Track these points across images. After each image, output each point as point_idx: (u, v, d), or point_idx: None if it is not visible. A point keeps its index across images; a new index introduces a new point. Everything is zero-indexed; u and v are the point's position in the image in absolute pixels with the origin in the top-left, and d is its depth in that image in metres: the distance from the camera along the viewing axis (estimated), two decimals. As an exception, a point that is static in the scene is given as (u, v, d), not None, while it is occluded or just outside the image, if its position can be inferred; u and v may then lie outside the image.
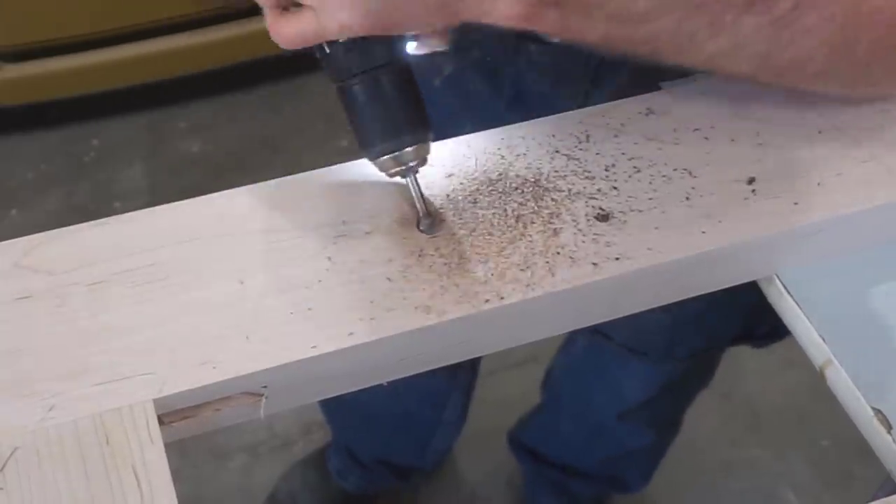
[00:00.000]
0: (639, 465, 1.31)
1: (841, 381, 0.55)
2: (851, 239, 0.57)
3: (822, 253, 0.57)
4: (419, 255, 0.51)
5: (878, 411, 0.53)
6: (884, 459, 0.54)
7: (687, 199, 0.54)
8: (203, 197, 0.53)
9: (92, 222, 0.52)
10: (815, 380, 0.57)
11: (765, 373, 1.59)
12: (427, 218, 0.52)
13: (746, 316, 0.94)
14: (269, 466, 1.47)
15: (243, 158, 1.88)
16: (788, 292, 0.58)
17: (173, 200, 0.55)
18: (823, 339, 0.56)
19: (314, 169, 0.56)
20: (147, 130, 1.95)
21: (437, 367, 0.53)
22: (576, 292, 0.50)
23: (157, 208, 0.53)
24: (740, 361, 1.61)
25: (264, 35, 0.98)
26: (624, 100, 0.58)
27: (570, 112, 0.58)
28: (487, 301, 0.49)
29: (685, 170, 0.55)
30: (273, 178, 0.55)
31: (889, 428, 0.53)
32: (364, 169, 0.55)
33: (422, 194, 0.52)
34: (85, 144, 1.92)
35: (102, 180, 1.86)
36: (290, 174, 0.80)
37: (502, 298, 0.49)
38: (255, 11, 0.88)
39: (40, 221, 1.79)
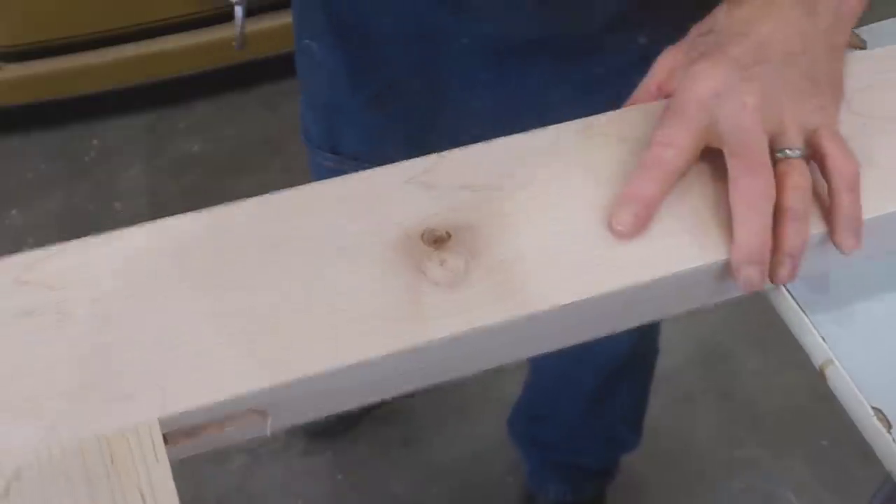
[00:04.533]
0: (626, 409, 1.30)
1: (841, 380, 0.55)
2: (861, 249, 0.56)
3: (829, 265, 0.56)
4: (424, 271, 0.50)
5: (877, 410, 0.54)
6: (883, 459, 0.54)
7: (694, 210, 0.53)
8: (207, 209, 0.52)
9: (94, 236, 0.51)
10: (815, 380, 0.57)
11: (764, 373, 1.59)
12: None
13: None
14: (269, 467, 1.47)
15: (243, 158, 1.88)
16: (789, 292, 0.58)
17: (173, 200, 0.55)
18: (823, 339, 0.56)
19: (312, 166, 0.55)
20: (147, 130, 1.95)
21: (447, 380, 0.52)
22: (581, 305, 0.50)
23: (160, 221, 0.52)
24: (740, 361, 1.61)
25: (264, 35, 0.98)
26: (632, 108, 0.58)
27: (575, 121, 0.57)
28: (490, 316, 0.48)
29: (692, 181, 0.54)
30: (273, 178, 0.56)
31: (889, 427, 0.53)
32: (373, 180, 0.54)
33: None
34: (85, 144, 1.92)
35: (102, 180, 1.86)
36: (290, 174, 0.80)
37: (506, 313, 0.48)
38: (255, 12, 0.89)
39: (41, 221, 1.79)
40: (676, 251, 0.51)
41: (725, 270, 0.52)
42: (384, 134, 0.85)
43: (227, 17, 1.87)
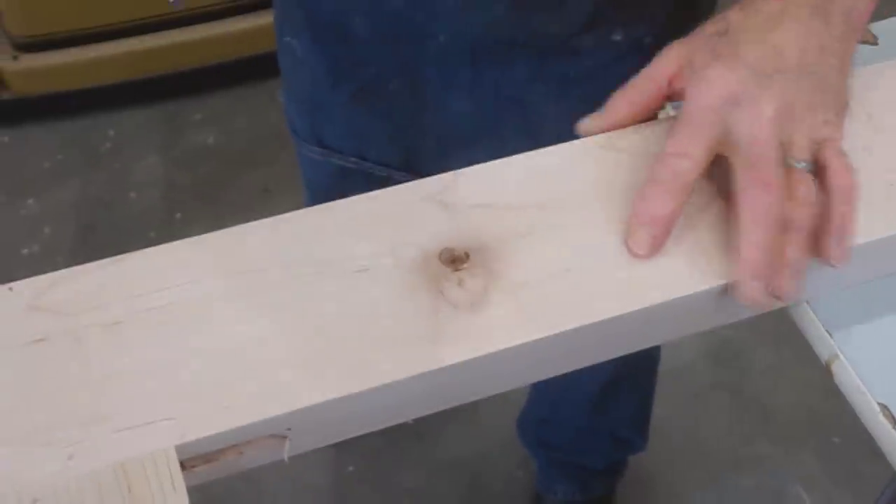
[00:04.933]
0: (630, 411, 1.30)
1: (846, 375, 0.55)
2: (880, 265, 0.56)
3: (849, 281, 0.56)
4: (442, 292, 0.49)
5: (883, 406, 0.54)
6: (889, 454, 0.54)
7: (712, 227, 0.52)
8: (221, 231, 0.51)
9: (106, 260, 0.50)
10: (827, 376, 0.57)
11: (775, 369, 1.59)
12: None
13: None
14: (268, 467, 1.47)
15: (257, 150, 1.88)
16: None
17: (187, 191, 0.55)
18: (830, 335, 0.56)
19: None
20: (162, 122, 1.96)
21: (468, 401, 0.52)
22: (601, 326, 0.49)
23: (175, 244, 0.51)
24: (751, 358, 1.61)
25: (278, 27, 0.95)
26: (648, 123, 0.57)
27: (592, 137, 0.56)
28: (509, 339, 0.48)
29: (712, 197, 0.53)
30: (284, 171, 0.55)
31: (894, 423, 0.53)
32: (389, 199, 0.53)
33: None
34: (101, 135, 1.93)
35: (118, 171, 1.87)
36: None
37: (526, 336, 0.48)
38: (270, 4, 0.89)
39: (57, 211, 1.81)
40: (698, 270, 0.51)
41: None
42: (367, 131, 0.85)
43: (243, 9, 1.88)
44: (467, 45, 0.75)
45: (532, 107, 0.79)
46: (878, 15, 0.69)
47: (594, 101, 0.56)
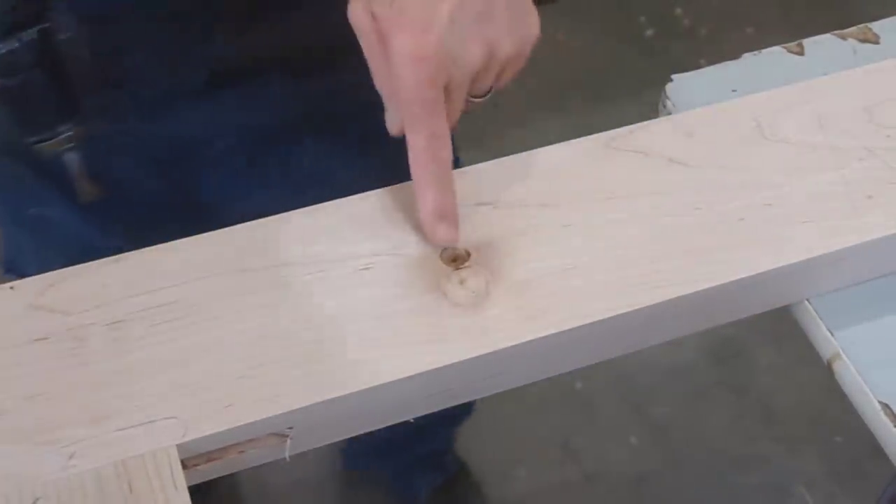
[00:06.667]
0: None
1: (848, 374, 0.55)
2: (881, 265, 0.56)
3: (851, 278, 0.56)
4: (444, 292, 0.49)
5: (885, 405, 0.53)
6: (891, 453, 0.54)
7: (713, 226, 0.52)
8: (224, 230, 0.52)
9: (108, 259, 0.50)
10: (829, 376, 0.57)
11: (778, 368, 1.58)
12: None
13: None
14: (268, 466, 1.47)
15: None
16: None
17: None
18: (831, 333, 0.56)
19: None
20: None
21: (468, 400, 0.51)
22: (608, 323, 0.49)
23: (177, 242, 0.51)
24: (752, 357, 1.61)
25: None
26: (656, 120, 0.57)
27: (596, 135, 0.56)
28: (510, 338, 0.48)
29: (714, 196, 0.53)
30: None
31: (896, 422, 0.53)
32: (391, 198, 0.53)
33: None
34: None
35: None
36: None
37: (527, 335, 0.48)
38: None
39: (58, 211, 1.81)
40: (698, 269, 0.51)
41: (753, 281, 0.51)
42: None
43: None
44: (248, 142, 0.69)
45: (331, 176, 0.72)
46: (878, 14, 0.70)
47: (397, 158, 0.52)
